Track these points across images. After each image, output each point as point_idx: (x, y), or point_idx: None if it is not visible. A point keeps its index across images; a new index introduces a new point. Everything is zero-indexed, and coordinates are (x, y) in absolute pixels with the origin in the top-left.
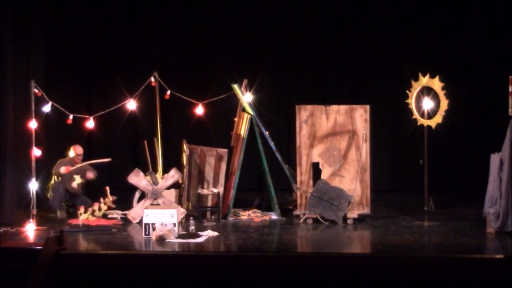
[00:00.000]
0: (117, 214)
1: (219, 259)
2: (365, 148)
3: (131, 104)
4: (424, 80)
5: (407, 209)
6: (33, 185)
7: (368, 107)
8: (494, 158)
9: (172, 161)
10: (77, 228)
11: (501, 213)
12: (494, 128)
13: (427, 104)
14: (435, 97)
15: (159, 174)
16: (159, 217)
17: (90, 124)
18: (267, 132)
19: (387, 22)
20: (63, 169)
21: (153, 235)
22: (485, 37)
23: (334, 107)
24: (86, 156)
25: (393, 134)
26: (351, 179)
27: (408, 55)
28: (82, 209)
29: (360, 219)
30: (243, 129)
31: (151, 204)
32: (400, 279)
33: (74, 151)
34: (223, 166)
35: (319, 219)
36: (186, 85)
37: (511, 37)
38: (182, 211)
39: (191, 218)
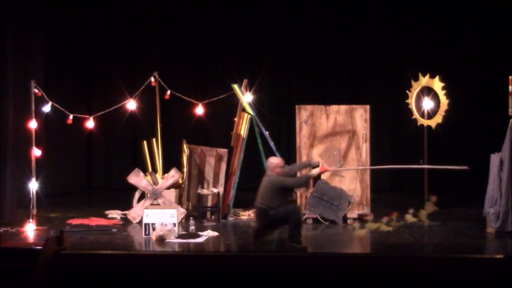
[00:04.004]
0: (117, 214)
1: (219, 259)
2: (365, 148)
3: (131, 104)
4: (424, 80)
5: (407, 209)
6: (33, 185)
7: (368, 107)
8: (494, 158)
9: (172, 161)
10: (78, 228)
11: (501, 213)
12: (494, 128)
13: (427, 104)
14: (435, 97)
15: (159, 174)
16: (159, 217)
17: (90, 124)
18: (267, 132)
19: (387, 22)
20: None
21: (153, 235)
22: (485, 37)
23: (334, 107)
24: (87, 158)
25: (393, 134)
26: (351, 179)
27: (408, 55)
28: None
29: (360, 219)
30: (243, 129)
31: (151, 204)
32: (400, 279)
33: (279, 163)
34: (223, 166)
35: (319, 219)
36: (186, 85)
37: (511, 37)
38: (182, 211)
39: (191, 218)
